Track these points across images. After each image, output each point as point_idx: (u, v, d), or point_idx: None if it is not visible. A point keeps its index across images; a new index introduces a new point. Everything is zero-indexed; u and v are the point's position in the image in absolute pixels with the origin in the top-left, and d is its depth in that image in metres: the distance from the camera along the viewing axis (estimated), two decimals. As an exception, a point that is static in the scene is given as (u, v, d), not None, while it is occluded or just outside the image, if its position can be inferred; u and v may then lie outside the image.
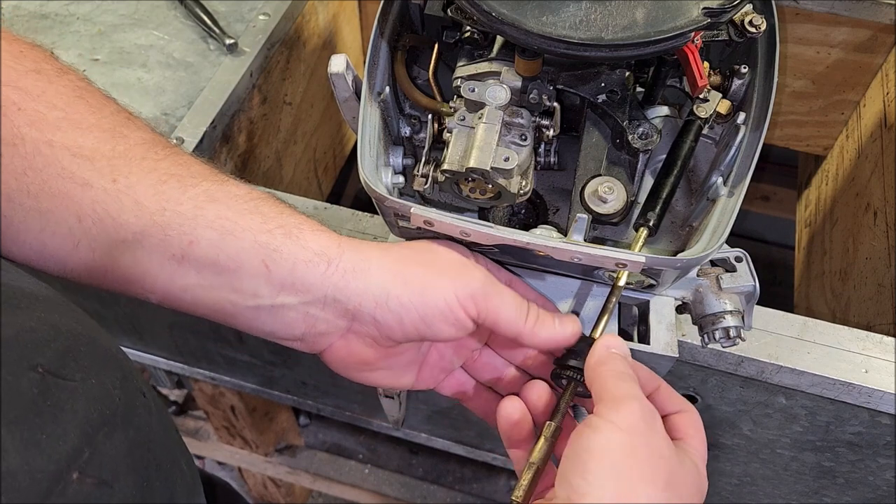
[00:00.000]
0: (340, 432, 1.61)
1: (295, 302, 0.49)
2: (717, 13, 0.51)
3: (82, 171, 0.46)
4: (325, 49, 1.15)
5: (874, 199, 0.99)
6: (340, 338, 0.52)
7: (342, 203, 1.48)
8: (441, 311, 0.49)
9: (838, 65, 1.08)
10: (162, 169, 0.48)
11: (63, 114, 0.47)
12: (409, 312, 0.49)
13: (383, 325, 0.50)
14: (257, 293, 0.48)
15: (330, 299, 0.49)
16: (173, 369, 1.11)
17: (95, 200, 0.46)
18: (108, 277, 0.49)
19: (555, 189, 0.63)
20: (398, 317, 0.49)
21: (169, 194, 0.48)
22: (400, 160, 0.60)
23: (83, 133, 0.47)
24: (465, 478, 1.60)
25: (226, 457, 1.48)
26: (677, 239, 0.60)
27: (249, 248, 0.48)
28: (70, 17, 0.97)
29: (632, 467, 0.44)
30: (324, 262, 0.49)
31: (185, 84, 0.91)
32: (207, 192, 0.49)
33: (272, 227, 0.49)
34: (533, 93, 0.55)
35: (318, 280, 0.48)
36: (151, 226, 0.47)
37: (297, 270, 0.48)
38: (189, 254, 0.47)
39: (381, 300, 0.49)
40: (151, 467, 0.37)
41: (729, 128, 0.59)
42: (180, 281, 0.48)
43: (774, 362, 0.66)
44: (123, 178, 0.47)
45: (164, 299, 0.50)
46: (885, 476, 0.78)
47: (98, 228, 0.47)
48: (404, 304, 0.49)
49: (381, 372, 0.55)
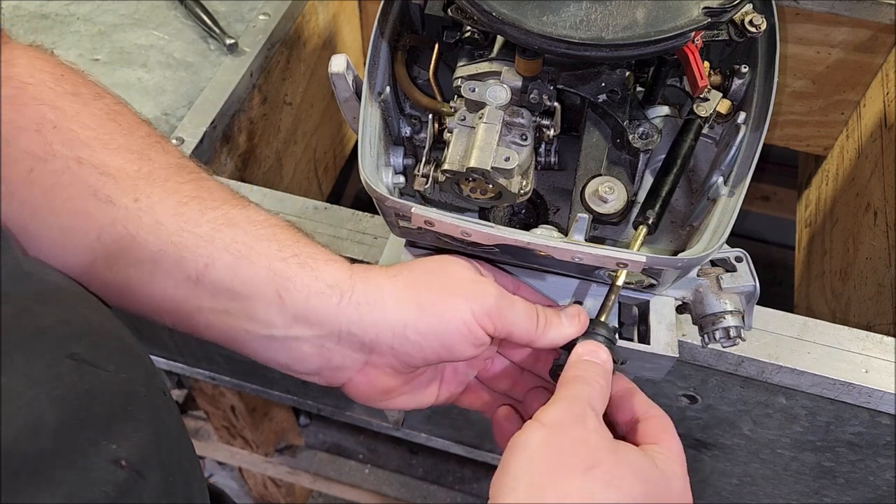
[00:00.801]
0: (340, 432, 1.61)
1: (309, 335, 0.49)
2: (717, 13, 0.51)
3: (106, 188, 0.47)
4: (325, 49, 1.15)
5: (874, 199, 0.99)
6: (359, 372, 0.51)
7: (342, 203, 1.48)
8: (460, 333, 0.49)
9: (838, 65, 1.08)
10: (184, 192, 0.49)
11: (94, 133, 0.48)
12: (428, 340, 0.49)
13: (402, 354, 0.49)
14: (271, 323, 0.48)
15: (345, 333, 0.49)
16: (173, 369, 1.11)
17: (116, 219, 0.47)
18: (123, 297, 0.49)
19: (555, 189, 0.63)
20: (418, 345, 0.49)
21: (188, 216, 0.48)
22: (400, 160, 0.60)
23: (111, 153, 0.48)
24: (465, 478, 1.60)
25: (226, 457, 1.48)
26: (678, 239, 0.60)
27: (264, 275, 0.48)
28: (70, 17, 0.97)
29: (547, 458, 0.44)
30: (336, 294, 0.48)
31: (186, 84, 0.91)
32: (227, 216, 0.49)
33: (287, 256, 0.49)
34: (533, 93, 0.55)
35: (331, 313, 0.48)
36: (169, 245, 0.47)
37: (311, 302, 0.48)
38: (204, 276, 0.47)
39: (398, 331, 0.48)
40: (174, 465, 0.38)
41: (729, 127, 0.59)
42: (195, 303, 0.48)
43: (774, 362, 0.66)
44: (145, 197, 0.47)
45: (177, 322, 0.49)
46: (885, 476, 0.78)
47: (116, 246, 0.47)
48: (422, 332, 0.49)
49: (403, 397, 0.54)
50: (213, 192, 0.50)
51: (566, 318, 0.53)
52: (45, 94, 0.48)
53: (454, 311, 0.49)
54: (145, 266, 0.47)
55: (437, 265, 0.52)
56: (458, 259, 0.54)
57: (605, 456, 0.45)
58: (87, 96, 0.50)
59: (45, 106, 0.47)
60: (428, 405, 0.57)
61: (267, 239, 0.49)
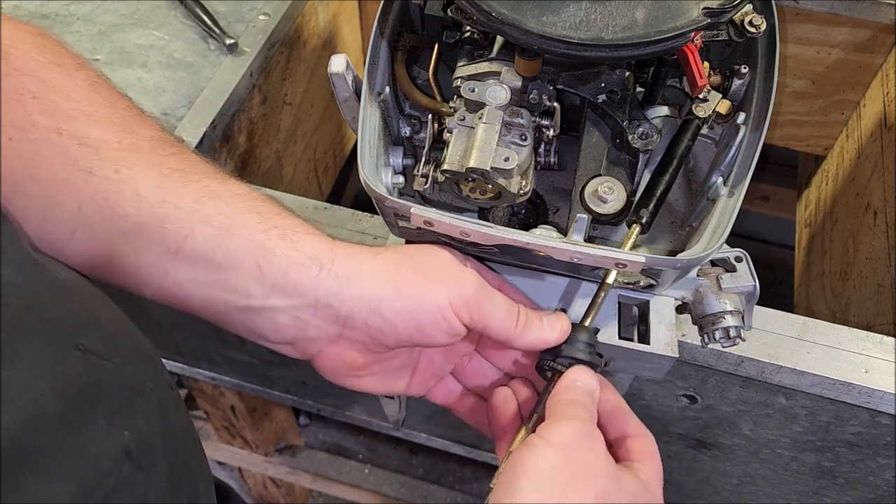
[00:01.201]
0: (340, 432, 1.61)
1: (286, 305, 0.49)
2: (717, 13, 0.51)
3: (87, 159, 0.47)
4: (325, 49, 1.15)
5: (874, 199, 0.99)
6: (331, 343, 0.51)
7: (342, 203, 1.48)
8: (434, 318, 0.49)
9: (838, 65, 1.08)
10: (166, 164, 0.49)
11: (76, 105, 0.48)
12: (402, 320, 0.49)
13: (375, 332, 0.50)
14: (249, 293, 0.48)
15: (322, 304, 0.49)
16: (173, 369, 1.11)
17: (96, 189, 0.47)
18: (105, 270, 0.49)
19: (555, 189, 0.63)
20: (391, 324, 0.49)
21: (170, 188, 0.48)
22: (400, 160, 0.60)
23: (93, 124, 0.48)
24: (465, 478, 1.60)
25: (226, 457, 1.48)
26: (677, 239, 0.60)
27: (245, 246, 0.48)
28: (70, 17, 0.97)
29: (561, 482, 0.45)
30: (315, 266, 0.48)
31: (185, 84, 0.91)
32: (208, 189, 0.49)
33: (268, 228, 0.49)
34: (533, 93, 0.55)
35: (309, 284, 0.48)
36: (150, 217, 0.47)
37: (290, 273, 0.48)
38: (184, 248, 0.47)
39: (374, 307, 0.49)
40: (180, 461, 0.38)
41: (729, 128, 0.59)
42: (175, 275, 0.48)
43: (774, 362, 0.66)
44: (126, 169, 0.47)
45: (157, 294, 0.49)
46: (885, 476, 0.78)
47: (97, 217, 0.47)
48: (397, 311, 0.49)
49: (372, 378, 0.54)
50: (195, 165, 0.50)
51: (547, 323, 0.53)
52: (28, 63, 0.47)
53: (431, 296, 0.49)
54: (126, 238, 0.47)
55: (421, 250, 0.53)
56: (443, 248, 0.54)
57: (610, 485, 0.47)
58: (69, 66, 0.50)
59: (27, 76, 0.47)
60: (397, 392, 0.57)
61: (248, 211, 0.49)
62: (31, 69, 0.47)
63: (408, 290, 0.49)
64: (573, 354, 0.53)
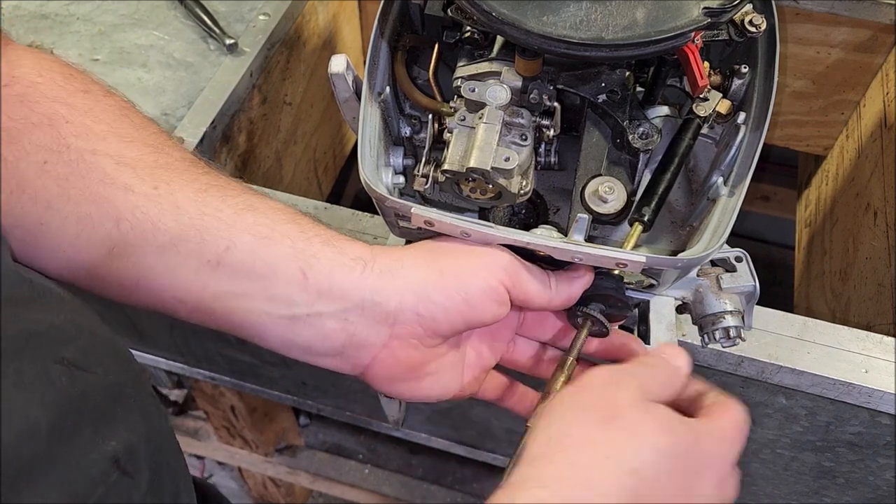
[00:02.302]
0: (340, 432, 1.61)
1: (333, 310, 0.49)
2: (717, 13, 0.51)
3: (125, 177, 0.47)
4: (325, 49, 1.15)
5: (874, 199, 0.99)
6: (383, 348, 0.51)
7: (342, 203, 1.49)
8: (482, 289, 0.50)
9: (838, 65, 1.08)
10: (202, 180, 0.50)
11: (108, 128, 0.48)
12: (452, 300, 0.49)
13: (427, 319, 0.50)
14: (292, 301, 0.48)
15: (368, 302, 0.49)
16: (173, 369, 1.11)
17: (136, 205, 0.47)
18: (138, 288, 0.49)
19: (555, 189, 0.63)
20: (442, 307, 0.49)
21: (209, 202, 0.48)
22: (400, 160, 0.60)
23: (127, 145, 0.49)
24: (465, 478, 1.60)
25: (226, 457, 1.48)
26: (678, 239, 0.60)
27: (287, 253, 0.48)
28: (70, 17, 0.97)
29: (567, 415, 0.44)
30: (360, 266, 0.49)
31: (185, 84, 0.91)
32: (247, 202, 0.50)
33: (310, 235, 0.49)
34: (533, 93, 0.55)
35: (355, 284, 0.49)
36: (189, 229, 0.47)
37: (335, 276, 0.48)
38: (224, 259, 0.47)
39: (421, 293, 0.49)
40: (163, 465, 0.38)
41: (729, 128, 0.59)
42: (213, 288, 0.48)
43: (774, 362, 0.66)
44: (165, 184, 0.48)
45: (194, 310, 0.49)
46: (885, 476, 0.78)
47: (135, 233, 0.47)
48: (447, 291, 0.49)
49: (429, 379, 0.54)
50: (230, 182, 0.51)
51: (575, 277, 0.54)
52: (56, 91, 0.48)
53: (473, 270, 0.50)
54: (165, 252, 0.47)
55: (449, 239, 0.53)
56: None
57: (629, 410, 0.43)
58: (97, 93, 0.51)
59: (57, 103, 0.47)
60: (453, 392, 0.56)
61: (288, 222, 0.50)
62: (60, 96, 0.48)
63: (451, 270, 0.50)
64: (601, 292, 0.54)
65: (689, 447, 0.43)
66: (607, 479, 0.40)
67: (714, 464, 0.45)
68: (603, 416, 0.43)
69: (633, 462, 0.41)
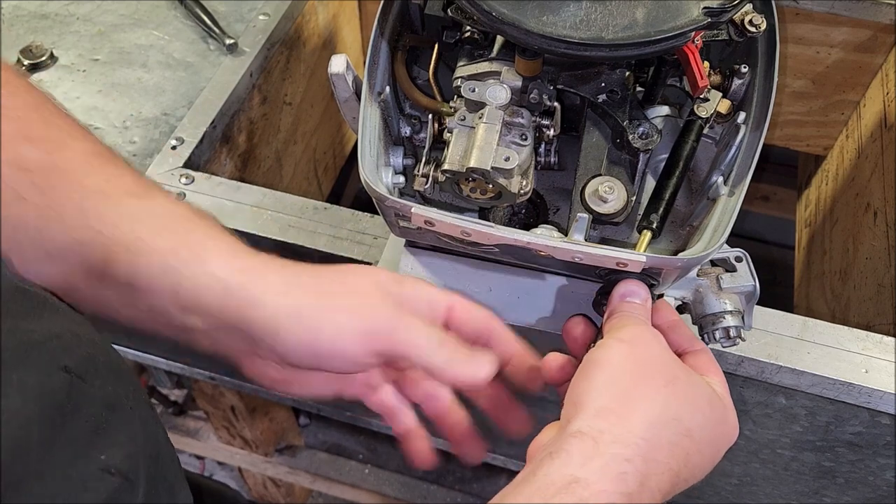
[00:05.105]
0: (340, 432, 1.61)
1: (201, 325, 0.49)
2: (717, 13, 0.51)
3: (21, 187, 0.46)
4: (325, 49, 1.15)
5: (874, 199, 0.99)
6: (247, 358, 0.52)
7: (342, 203, 1.48)
8: (330, 350, 0.48)
9: (838, 65, 1.08)
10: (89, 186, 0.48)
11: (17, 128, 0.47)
12: (299, 349, 0.48)
13: (283, 355, 0.49)
14: (168, 312, 0.48)
15: (231, 327, 0.49)
16: (173, 369, 1.11)
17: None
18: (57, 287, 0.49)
19: (555, 189, 0.63)
20: (293, 351, 0.48)
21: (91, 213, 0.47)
22: (400, 160, 0.60)
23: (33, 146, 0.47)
24: (465, 478, 1.60)
25: (226, 457, 1.48)
26: (678, 239, 0.60)
27: (160, 272, 0.47)
28: (70, 17, 0.97)
29: (630, 371, 0.47)
30: (222, 291, 0.48)
31: (185, 84, 0.91)
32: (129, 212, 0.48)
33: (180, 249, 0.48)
34: (533, 93, 0.55)
35: (218, 306, 0.48)
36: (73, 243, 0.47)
37: (200, 296, 0.48)
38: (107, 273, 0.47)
39: (275, 334, 0.48)
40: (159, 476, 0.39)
41: (729, 127, 0.59)
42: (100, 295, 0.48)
43: (774, 362, 0.66)
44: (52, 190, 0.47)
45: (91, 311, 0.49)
46: (885, 476, 0.78)
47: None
48: (297, 339, 0.48)
49: (297, 386, 0.54)
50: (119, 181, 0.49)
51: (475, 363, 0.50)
52: None
53: (330, 327, 0.48)
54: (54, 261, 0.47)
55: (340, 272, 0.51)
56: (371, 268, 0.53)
57: (682, 374, 0.48)
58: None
59: None
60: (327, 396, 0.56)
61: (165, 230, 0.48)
62: None
63: (308, 319, 0.48)
64: None
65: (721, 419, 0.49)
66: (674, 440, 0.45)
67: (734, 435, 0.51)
68: (662, 378, 0.47)
69: (689, 423, 0.46)
